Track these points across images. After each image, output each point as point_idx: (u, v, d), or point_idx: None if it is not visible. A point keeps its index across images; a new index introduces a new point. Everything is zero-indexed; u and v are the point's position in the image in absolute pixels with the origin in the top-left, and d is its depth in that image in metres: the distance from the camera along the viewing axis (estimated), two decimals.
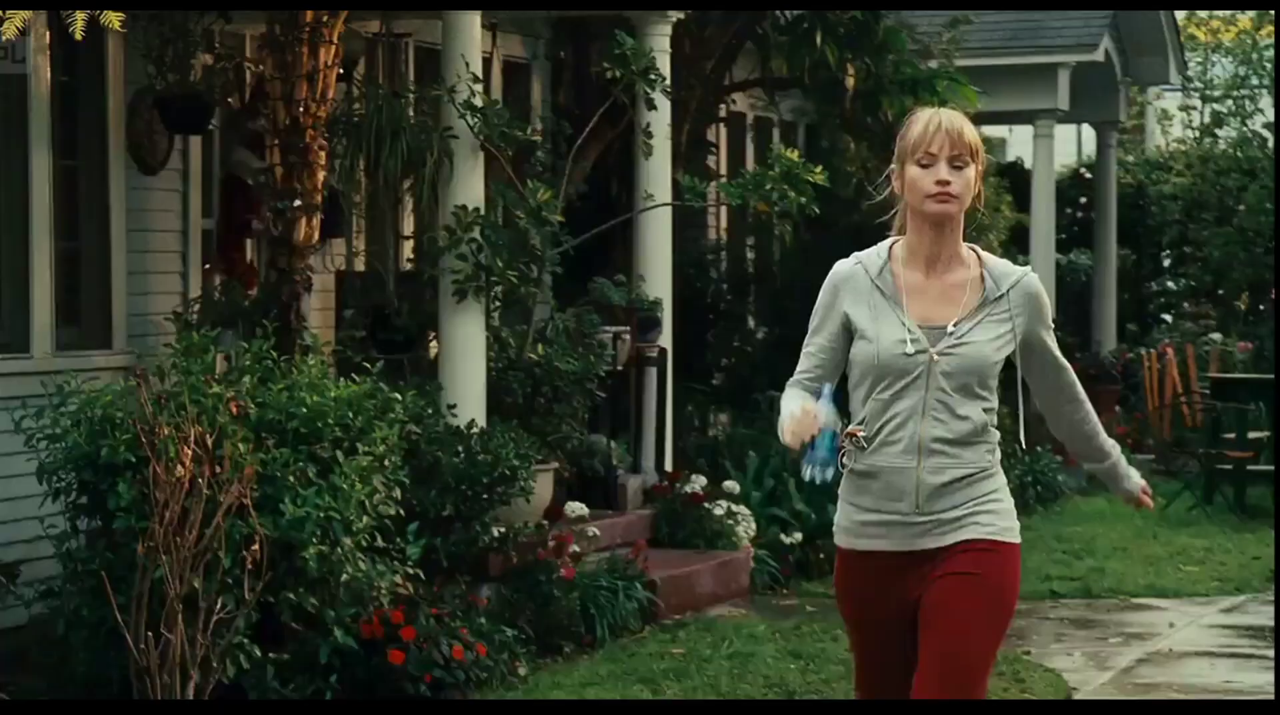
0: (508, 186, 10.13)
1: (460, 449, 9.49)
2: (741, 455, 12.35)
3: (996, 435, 4.82)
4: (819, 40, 13.85)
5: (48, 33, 9.52)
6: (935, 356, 4.73)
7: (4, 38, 7.28)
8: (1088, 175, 22.60)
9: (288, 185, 8.92)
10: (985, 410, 4.77)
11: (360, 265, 11.61)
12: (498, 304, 10.27)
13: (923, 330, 4.74)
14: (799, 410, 4.66)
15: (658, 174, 11.53)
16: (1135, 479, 5.19)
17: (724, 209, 15.36)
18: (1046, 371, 4.91)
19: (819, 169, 10.41)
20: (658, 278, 11.58)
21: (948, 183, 4.69)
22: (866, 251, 4.81)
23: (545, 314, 11.11)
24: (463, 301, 9.77)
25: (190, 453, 7.74)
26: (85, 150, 10.06)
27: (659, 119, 11.22)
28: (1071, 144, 26.44)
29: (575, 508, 10.54)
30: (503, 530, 9.64)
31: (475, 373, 9.86)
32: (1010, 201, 15.71)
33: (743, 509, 11.48)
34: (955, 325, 4.75)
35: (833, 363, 4.83)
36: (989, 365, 4.75)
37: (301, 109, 8.86)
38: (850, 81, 14.05)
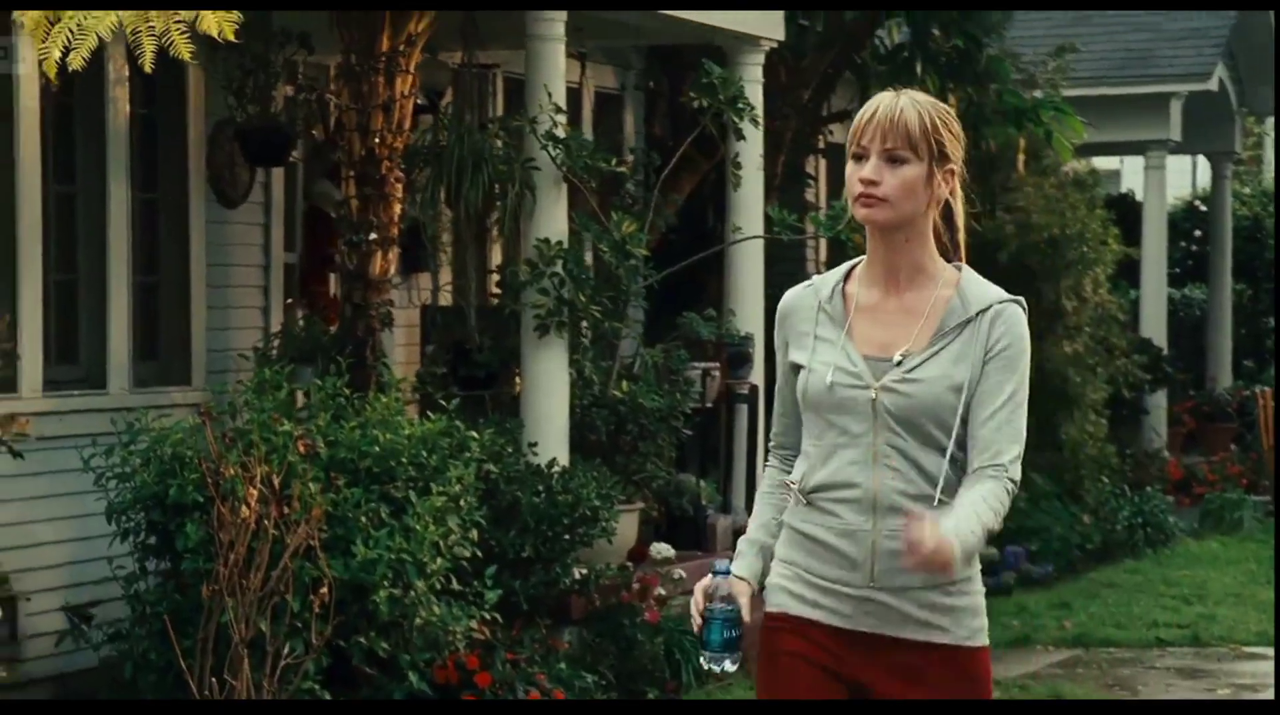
0: (592, 219, 9.90)
1: (541, 488, 9.25)
2: None
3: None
4: (919, 69, 13.57)
5: (126, 64, 9.39)
6: (877, 393, 3.84)
7: (70, 68, 7.14)
8: (1202, 207, 22.12)
9: (363, 218, 8.72)
10: (950, 458, 3.82)
11: (447, 300, 11.42)
12: (588, 339, 10.04)
13: (868, 361, 3.85)
14: (697, 591, 3.88)
15: (748, 206, 11.26)
16: (934, 532, 3.71)
17: (824, 242, 15.07)
18: (978, 422, 3.83)
19: None
20: (749, 312, 11.30)
21: (873, 182, 3.81)
22: (828, 272, 4.02)
23: (633, 349, 10.86)
24: (544, 337, 9.55)
25: (256, 493, 7.54)
26: (165, 183, 9.93)
27: (749, 150, 10.95)
28: (1185, 175, 25.95)
29: (661, 549, 10.26)
30: (584, 572, 9.39)
31: (557, 410, 9.63)
32: (1117, 234, 15.31)
33: None
34: (905, 356, 3.85)
35: (795, 410, 4.00)
36: (945, 409, 3.81)
37: (377, 140, 8.68)
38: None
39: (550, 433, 9.58)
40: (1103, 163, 21.08)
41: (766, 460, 4.11)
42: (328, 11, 8.91)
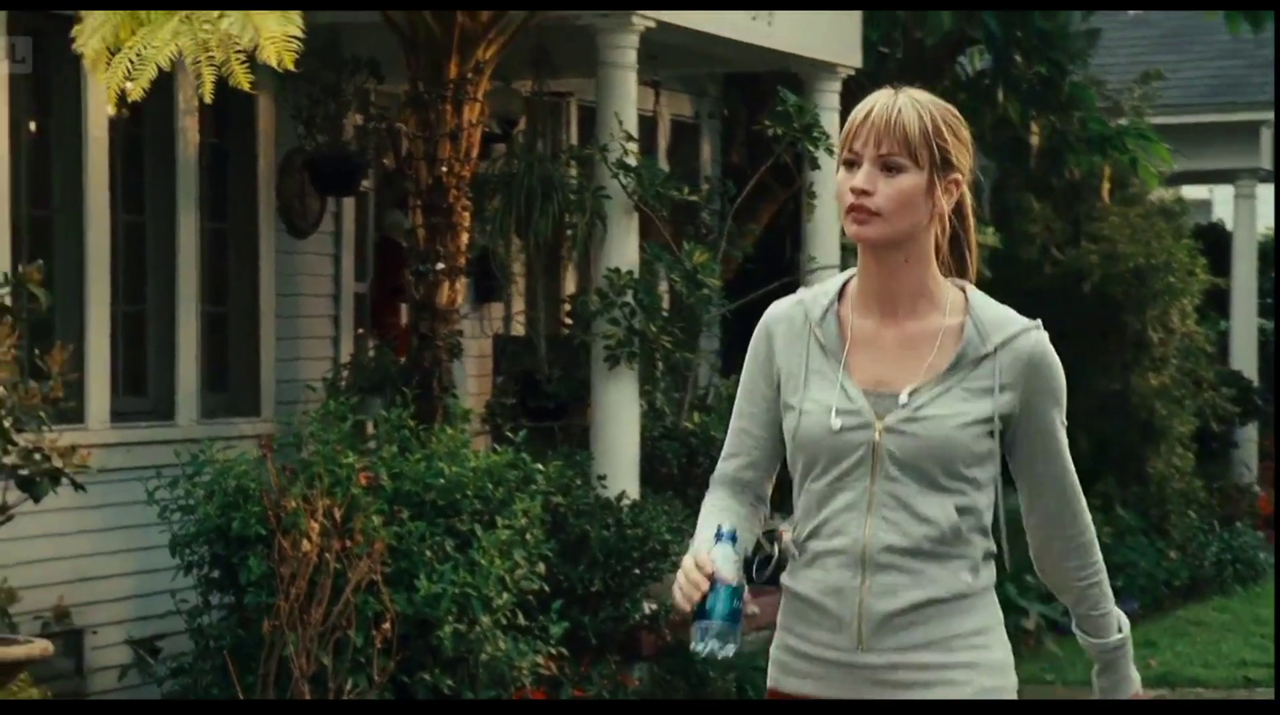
0: (663, 248, 9.77)
1: (610, 521, 9.12)
2: None
3: (985, 545, 3.37)
4: (1001, 97, 13.40)
5: (195, 94, 9.33)
6: (880, 434, 3.30)
7: (130, 98, 7.09)
8: None
9: (430, 247, 8.63)
10: (961, 509, 3.32)
11: (520, 330, 11.32)
12: (659, 369, 9.90)
13: (868, 397, 3.32)
14: (689, 560, 3.34)
15: (824, 236, 11.11)
16: (1133, 683, 3.58)
17: None
18: (1040, 482, 3.40)
19: (991, 231, 9.93)
20: None
21: (865, 192, 3.26)
22: (817, 287, 3.45)
23: (707, 380, 10.72)
24: (615, 367, 9.42)
25: (318, 526, 7.45)
26: (234, 213, 9.88)
27: (825, 179, 10.80)
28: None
29: None
30: (655, 607, 9.24)
31: (627, 442, 9.49)
32: (1205, 264, 15.05)
33: None
34: (912, 393, 3.31)
35: (765, 442, 3.43)
36: (957, 449, 3.30)
37: (445, 169, 8.58)
38: (1034, 139, 13.57)
39: (620, 465, 9.45)
40: (1191, 192, 20.78)
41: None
42: (397, 39, 8.83)
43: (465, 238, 8.74)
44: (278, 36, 6.58)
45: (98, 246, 8.91)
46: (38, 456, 7.32)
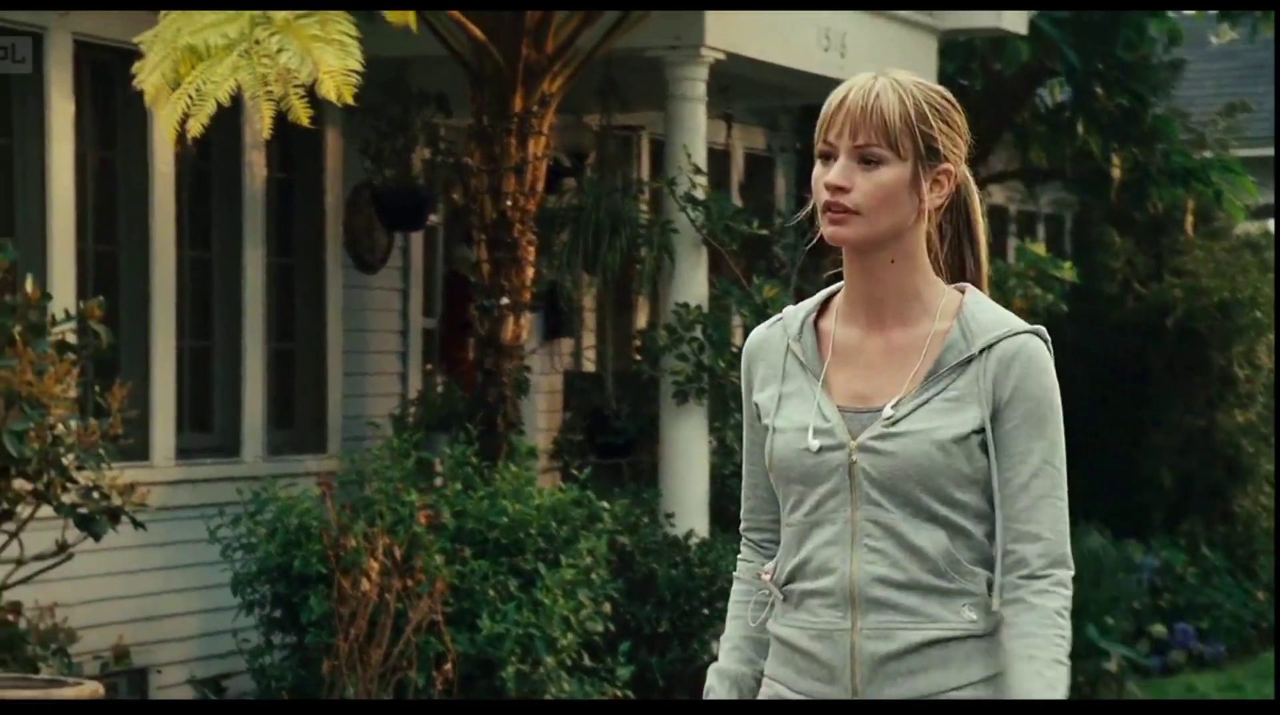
0: (732, 283, 9.63)
1: (678, 560, 8.97)
2: None
3: (986, 577, 2.94)
4: (1082, 129, 13.21)
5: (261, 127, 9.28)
6: (854, 454, 2.93)
7: (190, 134, 7.03)
8: None
9: (494, 282, 8.53)
10: (955, 535, 2.92)
11: (590, 365, 11.21)
12: (734, 405, 9.76)
13: (846, 415, 2.95)
14: (710, 690, 3.16)
15: None
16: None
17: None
18: (1005, 498, 2.93)
19: (1067, 265, 9.74)
20: None
21: (840, 187, 2.90)
22: (803, 302, 3.10)
23: None
24: (683, 404, 9.28)
25: (378, 565, 7.34)
26: (301, 248, 9.82)
27: None
28: None
29: None
30: None
31: (696, 479, 9.35)
32: None
33: None
34: (895, 406, 2.93)
35: (769, 486, 3.09)
36: (939, 468, 2.90)
37: (509, 203, 8.48)
38: (1116, 172, 13.36)
39: (688, 502, 9.30)
40: None
41: (738, 551, 3.21)
42: (463, 72, 8.75)
43: (530, 272, 8.63)
44: (336, 70, 6.49)
45: (163, 282, 8.86)
46: (96, 495, 7.25)
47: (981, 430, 2.92)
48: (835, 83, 10.76)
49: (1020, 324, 2.96)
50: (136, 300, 8.83)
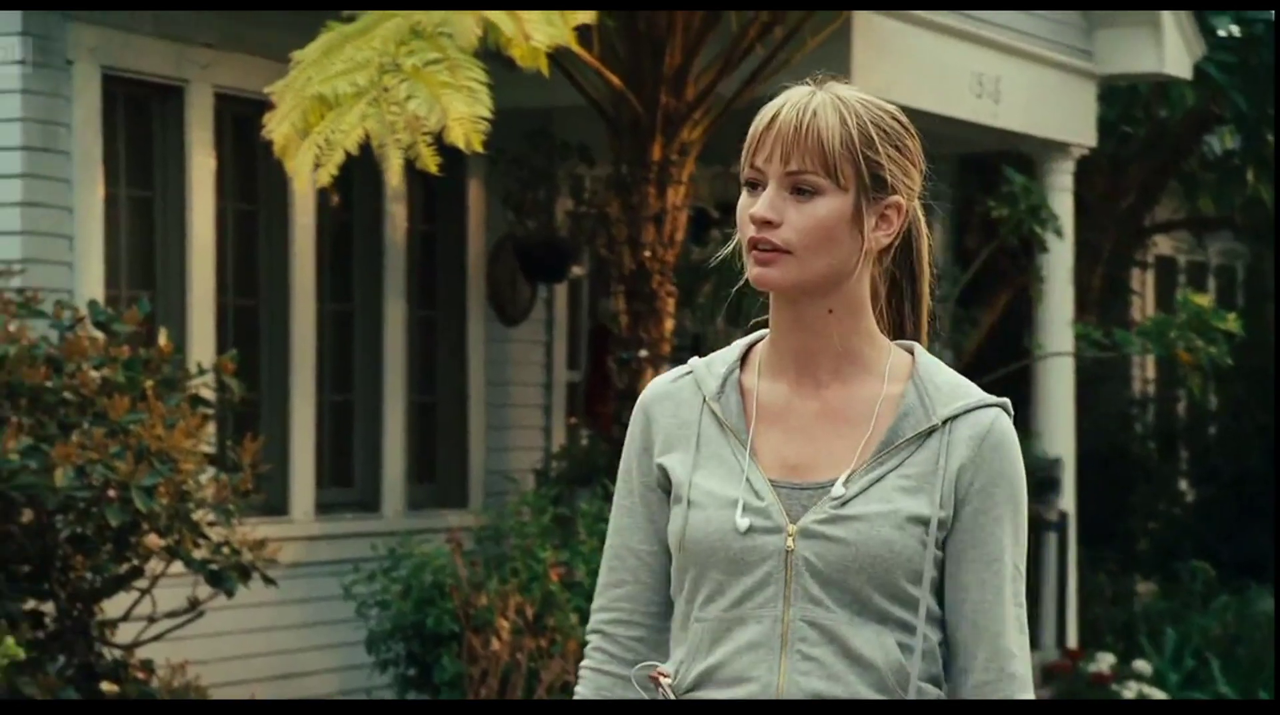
0: None
1: None
2: (1159, 631, 11.24)
3: (937, 698, 2.46)
4: (1251, 177, 12.82)
5: (404, 180, 9.21)
6: (795, 540, 2.43)
7: (319, 184, 6.95)
8: None
9: (633, 334, 8.36)
10: (907, 647, 2.43)
11: None
12: None
13: (779, 490, 2.46)
14: None
15: (1056, 322, 10.64)
16: None
17: (1150, 359, 14.30)
18: (967, 604, 2.45)
19: (1231, 316, 9.39)
20: (1058, 434, 10.65)
21: (768, 221, 2.45)
22: (714, 354, 2.62)
23: None
24: None
25: (508, 624, 7.17)
26: (444, 300, 9.72)
27: (1056, 262, 10.36)
28: None
29: None
30: None
31: None
32: None
33: (1156, 691, 10.38)
34: (846, 482, 2.44)
35: (652, 562, 2.52)
36: (899, 559, 2.41)
37: (648, 253, 8.32)
38: None
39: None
40: None
41: (580, 662, 2.62)
42: (604, 121, 8.62)
43: (669, 324, 8.45)
44: (465, 117, 6.38)
45: (303, 335, 8.79)
46: (227, 550, 7.16)
47: (932, 518, 2.43)
48: (990, 130, 10.43)
49: (983, 394, 2.51)
50: (276, 354, 8.76)
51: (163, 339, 7.37)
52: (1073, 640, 10.85)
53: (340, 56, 6.63)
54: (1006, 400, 2.51)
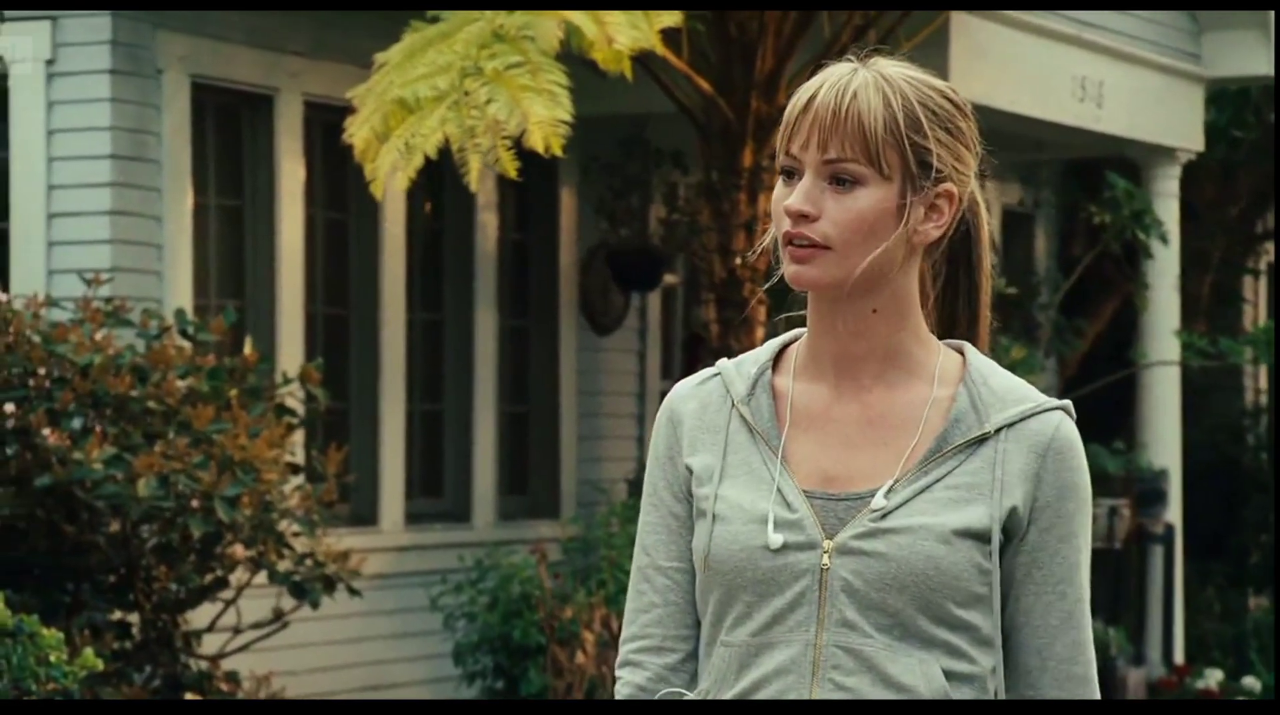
0: None
1: None
2: (1269, 646, 10.98)
3: None
4: None
5: (495, 189, 9.15)
6: (831, 557, 2.21)
7: (398, 187, 6.88)
8: None
9: (723, 343, 8.24)
10: (954, 674, 2.21)
11: None
12: None
13: (815, 502, 2.22)
14: None
15: (1161, 330, 10.42)
16: None
17: (1263, 368, 14.00)
18: (1026, 622, 2.24)
19: None
20: (1164, 444, 10.43)
21: (804, 215, 2.20)
22: (744, 355, 2.36)
23: None
24: None
25: (593, 636, 7.07)
26: (535, 309, 9.63)
27: (1161, 269, 10.14)
28: None
29: None
30: None
31: None
32: None
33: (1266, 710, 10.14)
34: (888, 494, 2.20)
35: (683, 581, 2.30)
36: (945, 577, 2.18)
37: (739, 261, 8.20)
38: None
39: None
40: None
41: (615, 677, 2.38)
42: (695, 127, 8.50)
43: (760, 333, 8.32)
44: (545, 120, 6.28)
45: (393, 344, 8.73)
46: (310, 562, 7.09)
47: (989, 531, 2.18)
48: (1093, 135, 10.20)
49: (1043, 396, 2.25)
50: (366, 363, 8.70)
51: (248, 348, 7.33)
52: (1180, 656, 10.62)
53: (422, 60, 6.56)
54: (1068, 402, 2.28)
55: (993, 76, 9.21)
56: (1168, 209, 10.39)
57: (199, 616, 7.17)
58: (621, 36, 6.30)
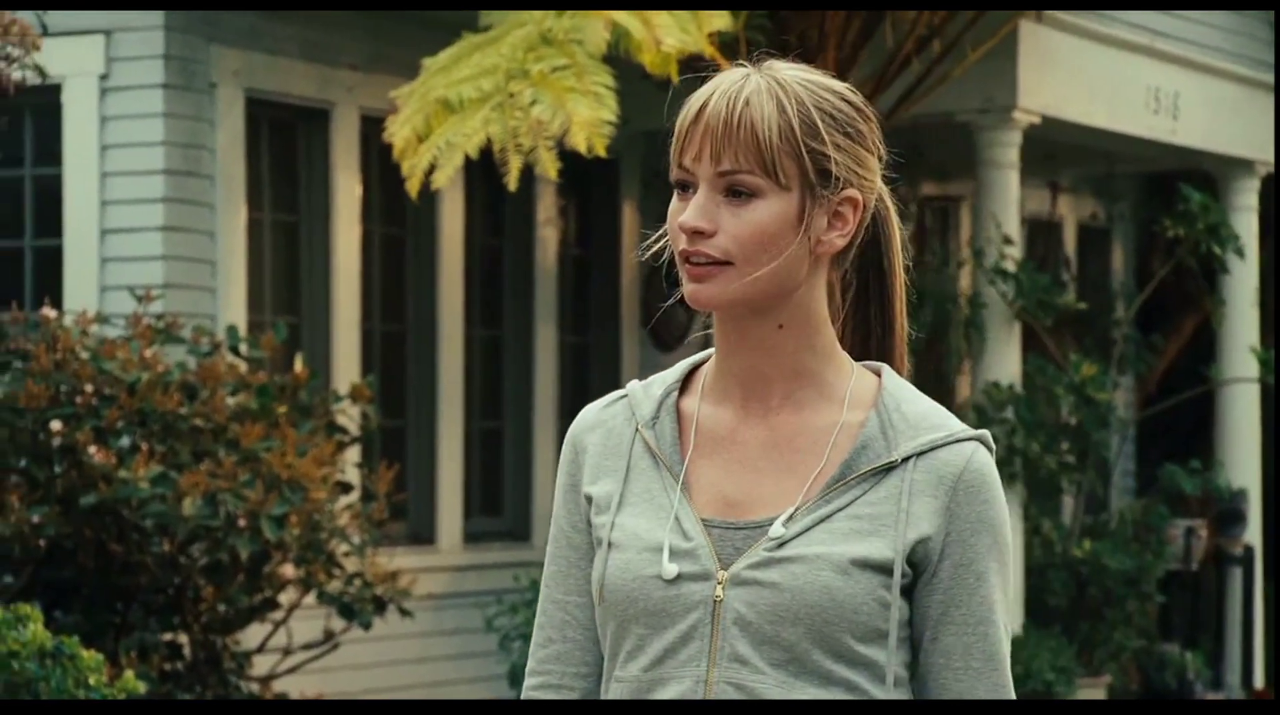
0: (1047, 361, 9.02)
1: None
2: None
3: None
4: None
5: (554, 203, 9.03)
6: (725, 588, 2.08)
7: (434, 187, 6.78)
8: None
9: None
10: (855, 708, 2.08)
11: None
12: (1067, 492, 9.14)
13: (713, 531, 2.10)
14: None
15: (1238, 346, 10.19)
16: None
17: None
18: (943, 660, 2.11)
19: None
20: (1243, 464, 10.18)
21: (697, 229, 2.08)
22: (655, 376, 2.24)
23: (1110, 502, 9.89)
24: None
25: None
26: (596, 326, 9.50)
27: (1239, 284, 9.91)
28: None
29: None
30: None
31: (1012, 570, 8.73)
32: None
33: None
34: (787, 522, 2.08)
35: (580, 622, 2.18)
36: (843, 610, 2.05)
37: None
38: None
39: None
40: None
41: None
42: None
43: None
44: (589, 121, 6.16)
45: (450, 362, 8.62)
46: (359, 582, 6.97)
47: (892, 563, 2.05)
48: (1168, 147, 9.91)
49: (960, 425, 2.12)
50: (423, 380, 8.59)
51: (298, 365, 7.22)
52: (1260, 680, 10.36)
53: (469, 63, 6.45)
54: (985, 433, 2.16)
55: (1062, 87, 9.02)
56: (1245, 222, 10.15)
57: (250, 637, 7.07)
58: (670, 39, 6.17)
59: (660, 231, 2.17)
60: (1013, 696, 2.13)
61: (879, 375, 2.15)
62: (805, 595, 2.03)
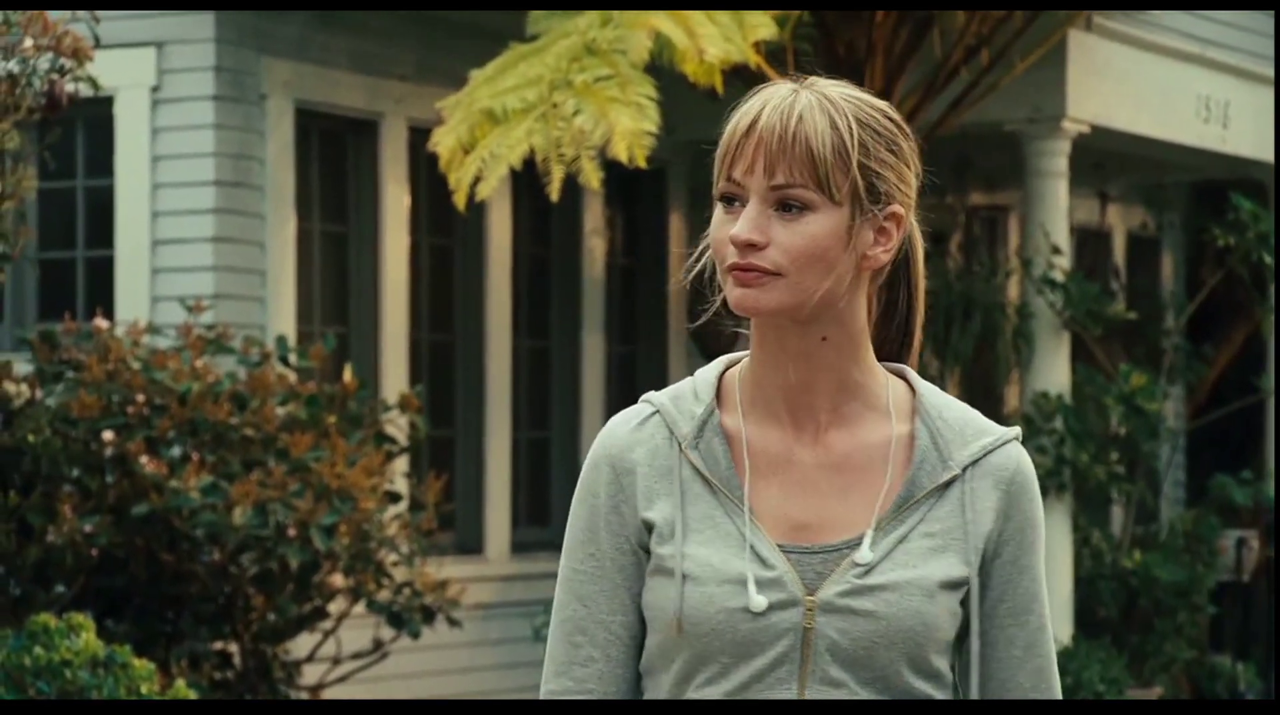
0: (1095, 370, 8.99)
1: None
2: None
3: None
4: None
5: (602, 214, 9.04)
6: (815, 615, 2.08)
7: (479, 197, 6.80)
8: None
9: None
10: None
11: None
12: (1118, 503, 9.11)
13: (789, 555, 2.09)
14: None
15: None
16: None
17: None
18: (1008, 654, 2.14)
19: None
20: None
21: (750, 242, 2.08)
22: (674, 389, 2.20)
23: (1160, 513, 9.84)
24: (1044, 499, 8.65)
25: None
26: (644, 335, 9.51)
27: None
28: None
29: None
30: None
31: (1059, 580, 8.70)
32: None
33: None
34: (873, 545, 2.09)
35: (621, 639, 2.15)
36: (934, 632, 2.09)
37: None
38: None
39: (1051, 605, 8.66)
40: None
41: None
42: None
43: None
44: (630, 131, 6.17)
45: (498, 371, 8.64)
46: (408, 591, 7.00)
47: (966, 579, 2.09)
48: (1218, 156, 9.87)
49: (995, 427, 2.15)
50: (471, 390, 8.62)
51: (347, 375, 7.25)
52: None
53: (513, 73, 6.47)
54: (1018, 428, 2.20)
55: (1111, 96, 8.99)
56: None
57: (299, 646, 7.09)
58: (713, 48, 6.18)
59: (701, 247, 2.17)
60: (1055, 682, 2.16)
61: (905, 378, 2.17)
62: (901, 621, 2.06)
